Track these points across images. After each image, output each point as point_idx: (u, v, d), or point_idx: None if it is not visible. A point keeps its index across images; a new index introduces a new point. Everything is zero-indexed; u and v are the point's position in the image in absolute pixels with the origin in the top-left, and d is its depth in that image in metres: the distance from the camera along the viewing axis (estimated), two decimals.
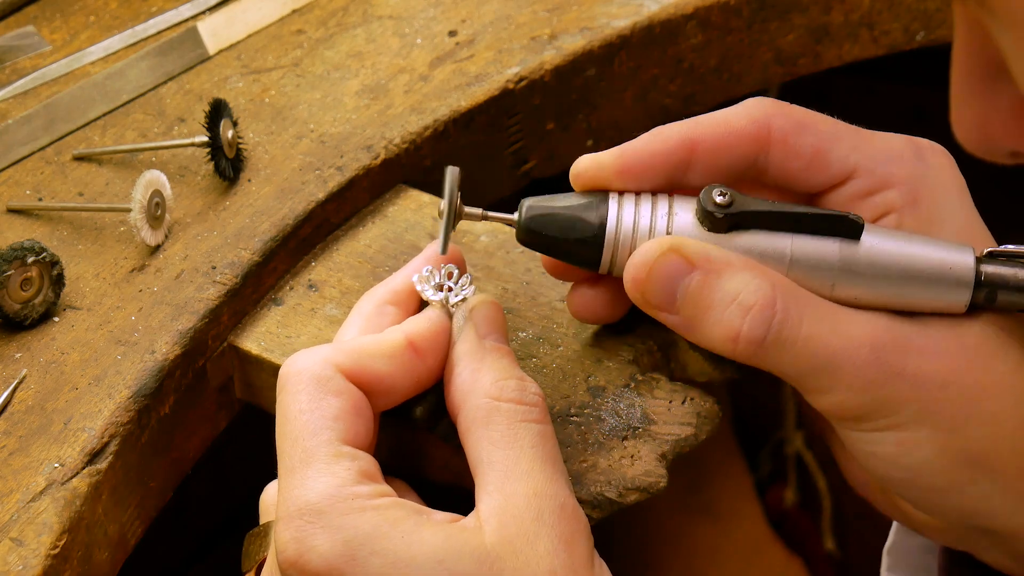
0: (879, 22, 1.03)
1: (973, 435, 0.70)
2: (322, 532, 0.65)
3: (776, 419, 1.50)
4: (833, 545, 1.48)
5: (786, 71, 1.04)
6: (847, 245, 0.71)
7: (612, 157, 0.73)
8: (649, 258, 0.70)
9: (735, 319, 0.69)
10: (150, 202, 0.85)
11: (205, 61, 0.97)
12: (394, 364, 0.71)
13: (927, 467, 0.71)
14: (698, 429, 0.75)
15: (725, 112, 0.73)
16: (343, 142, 0.91)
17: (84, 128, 0.93)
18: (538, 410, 0.70)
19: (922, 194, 0.73)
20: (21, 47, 0.98)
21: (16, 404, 0.79)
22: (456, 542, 0.66)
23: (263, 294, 0.85)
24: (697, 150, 0.72)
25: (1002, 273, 0.71)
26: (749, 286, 0.69)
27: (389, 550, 0.65)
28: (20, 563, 0.72)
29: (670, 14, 0.98)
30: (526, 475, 0.68)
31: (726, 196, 0.71)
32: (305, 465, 0.67)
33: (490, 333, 0.73)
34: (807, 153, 0.73)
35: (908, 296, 0.71)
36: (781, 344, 0.69)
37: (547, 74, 0.95)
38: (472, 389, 0.70)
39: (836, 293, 0.71)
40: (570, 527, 0.67)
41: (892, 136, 0.75)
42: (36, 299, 0.82)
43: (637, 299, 0.71)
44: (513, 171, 0.97)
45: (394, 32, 0.98)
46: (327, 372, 0.70)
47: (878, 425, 0.70)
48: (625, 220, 0.72)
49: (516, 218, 0.73)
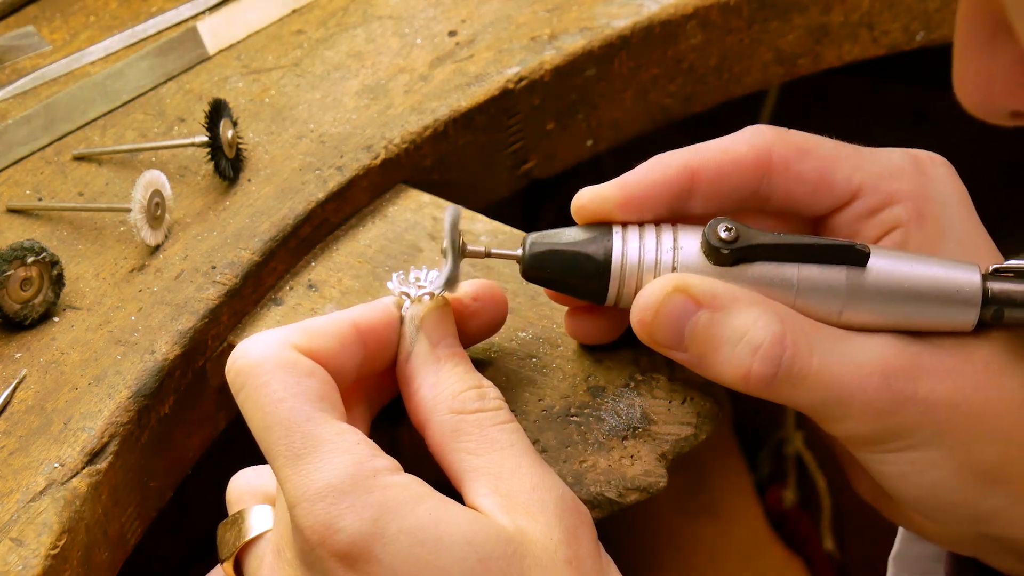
0: (879, 22, 1.03)
1: (985, 452, 0.70)
2: (349, 511, 0.64)
3: (776, 419, 1.50)
4: (833, 545, 1.48)
5: (786, 71, 1.03)
6: (854, 272, 0.71)
7: (613, 189, 0.72)
8: (655, 299, 0.70)
9: (745, 357, 0.69)
10: (150, 202, 0.85)
11: (205, 61, 0.97)
12: (340, 344, 0.70)
13: (941, 485, 0.71)
14: (698, 429, 0.75)
15: (725, 140, 0.73)
16: (343, 142, 0.91)
17: (84, 128, 0.93)
18: (504, 412, 0.70)
19: (926, 208, 0.73)
20: (21, 47, 0.98)
21: (16, 404, 0.79)
22: (483, 523, 0.65)
23: (263, 294, 0.85)
24: (698, 179, 0.72)
25: (1008, 290, 0.71)
26: (757, 323, 0.69)
27: (417, 528, 0.64)
28: (20, 563, 0.72)
29: (670, 14, 0.98)
30: (516, 472, 0.68)
31: (731, 231, 0.71)
32: (312, 450, 0.66)
33: (442, 339, 0.72)
34: (811, 178, 0.73)
35: (916, 318, 0.71)
36: (792, 379, 0.69)
37: (547, 74, 0.95)
38: (434, 407, 0.70)
39: (843, 319, 0.71)
40: (573, 519, 0.67)
41: (892, 151, 0.75)
42: (36, 299, 0.82)
43: (645, 339, 0.71)
44: (513, 171, 0.97)
45: (394, 32, 0.98)
46: (290, 355, 0.69)
47: (892, 447, 0.71)
48: (630, 255, 0.72)
49: (520, 254, 0.73)
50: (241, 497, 0.74)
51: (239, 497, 0.74)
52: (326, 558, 0.65)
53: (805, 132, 0.74)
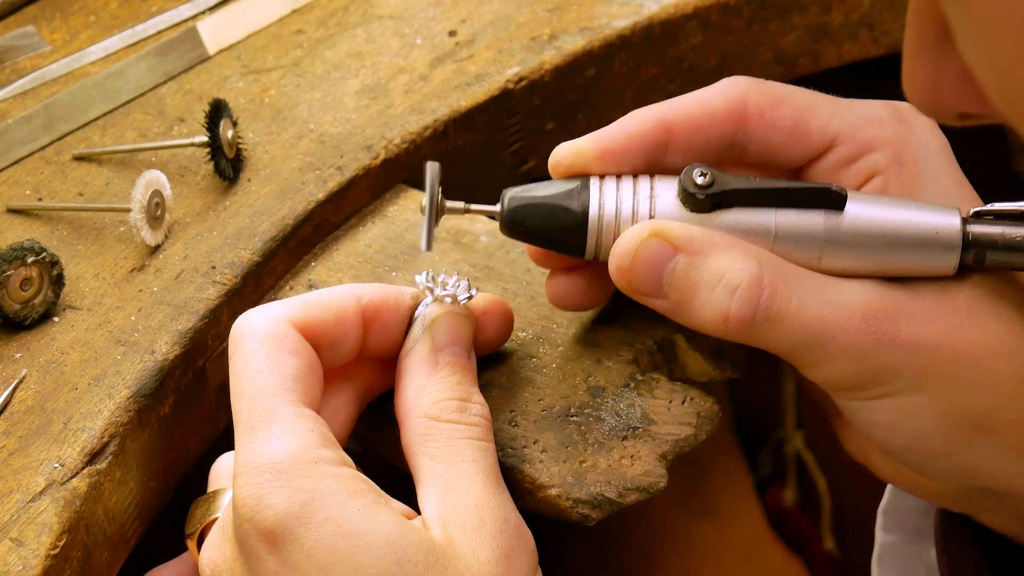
0: (879, 22, 1.03)
1: (971, 397, 0.70)
2: (281, 490, 0.66)
3: (776, 419, 1.50)
4: (833, 545, 1.48)
5: (786, 71, 1.04)
6: (832, 216, 0.71)
7: (590, 142, 0.73)
8: (632, 245, 0.70)
9: (723, 299, 0.69)
10: (150, 202, 0.85)
11: (205, 61, 0.97)
12: (337, 318, 0.71)
13: (927, 432, 0.71)
14: (698, 429, 0.75)
15: (700, 92, 0.73)
16: (343, 142, 0.91)
17: (84, 128, 0.93)
18: (479, 429, 0.70)
19: (906, 155, 0.73)
20: (21, 47, 0.98)
21: (16, 404, 0.79)
22: (408, 529, 0.66)
23: (263, 294, 0.85)
24: (674, 131, 0.72)
25: (989, 233, 0.71)
26: (735, 265, 0.69)
27: (343, 519, 0.65)
28: (20, 563, 0.72)
29: (670, 14, 0.98)
30: (467, 487, 0.68)
31: (707, 176, 0.71)
32: (267, 424, 0.68)
33: (448, 345, 0.73)
34: (786, 126, 0.73)
35: (896, 262, 0.71)
36: (771, 320, 0.69)
37: (547, 74, 0.95)
38: (413, 408, 0.71)
39: (823, 264, 0.71)
40: (511, 542, 0.68)
41: (871, 102, 0.75)
42: (36, 299, 0.82)
43: (624, 287, 0.71)
44: (513, 171, 0.97)
45: (394, 32, 0.98)
46: (282, 329, 0.70)
47: (875, 393, 0.70)
48: (607, 205, 0.71)
49: (498, 209, 0.73)
50: (220, 478, 0.75)
51: (218, 478, 0.75)
52: (252, 534, 0.66)
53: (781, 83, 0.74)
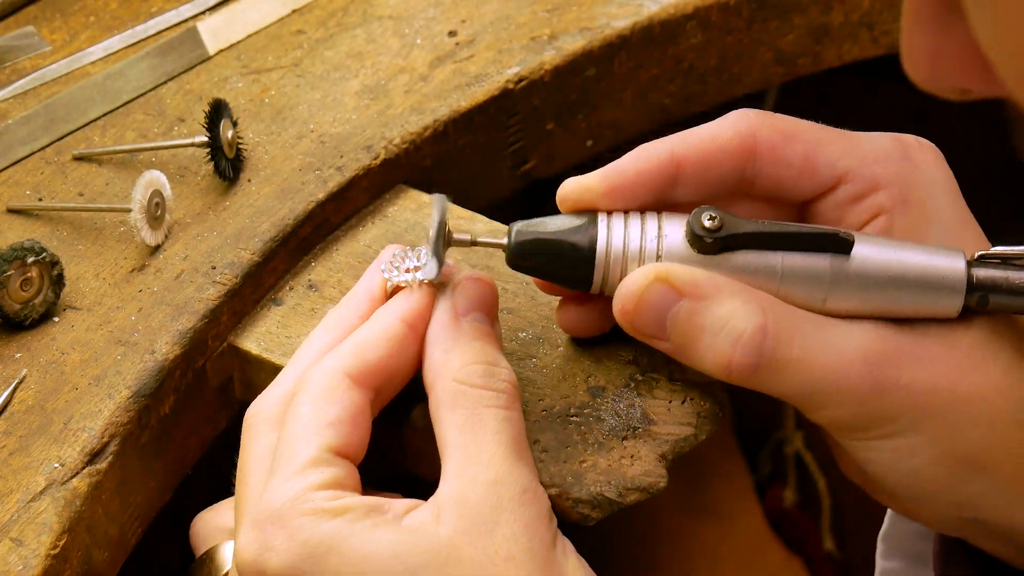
0: (879, 22, 1.03)
1: (967, 438, 0.70)
2: (281, 532, 0.66)
3: (776, 419, 1.50)
4: (833, 545, 1.48)
5: (786, 71, 1.04)
6: (838, 259, 0.71)
7: (598, 179, 0.72)
8: (637, 288, 0.70)
9: (726, 347, 0.70)
10: (150, 202, 0.85)
11: (205, 61, 0.97)
12: (394, 346, 0.71)
13: (924, 471, 0.71)
14: (698, 429, 0.75)
15: (710, 126, 0.73)
16: (343, 142, 0.91)
17: (84, 128, 0.93)
18: (506, 396, 0.70)
19: (911, 193, 0.73)
20: (21, 47, 0.98)
21: (16, 404, 0.79)
22: (410, 536, 0.66)
23: (263, 294, 0.85)
24: (684, 166, 0.72)
25: (993, 277, 0.71)
26: (738, 312, 0.69)
27: (346, 548, 0.66)
28: (20, 563, 0.72)
29: (670, 14, 0.98)
30: (487, 463, 0.68)
31: (715, 220, 0.71)
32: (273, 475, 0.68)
33: (470, 311, 0.72)
34: (796, 162, 0.73)
35: (901, 305, 0.71)
36: (774, 368, 0.69)
37: (547, 74, 0.95)
38: (441, 371, 0.70)
39: (828, 306, 0.71)
40: (531, 511, 0.67)
41: (879, 136, 0.75)
42: (36, 299, 0.82)
43: (627, 327, 0.72)
44: (513, 171, 0.97)
45: (394, 32, 0.98)
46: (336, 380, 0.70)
47: (874, 435, 0.71)
48: (615, 243, 0.72)
49: (505, 243, 0.73)
50: (208, 537, 0.75)
51: (205, 538, 0.75)
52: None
53: (791, 116, 0.74)
